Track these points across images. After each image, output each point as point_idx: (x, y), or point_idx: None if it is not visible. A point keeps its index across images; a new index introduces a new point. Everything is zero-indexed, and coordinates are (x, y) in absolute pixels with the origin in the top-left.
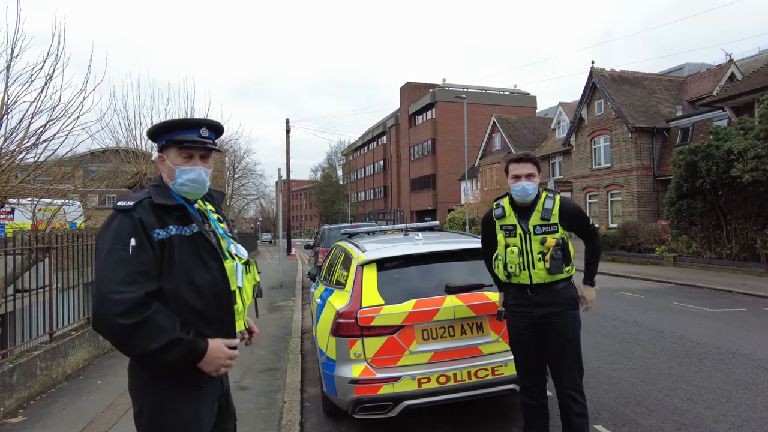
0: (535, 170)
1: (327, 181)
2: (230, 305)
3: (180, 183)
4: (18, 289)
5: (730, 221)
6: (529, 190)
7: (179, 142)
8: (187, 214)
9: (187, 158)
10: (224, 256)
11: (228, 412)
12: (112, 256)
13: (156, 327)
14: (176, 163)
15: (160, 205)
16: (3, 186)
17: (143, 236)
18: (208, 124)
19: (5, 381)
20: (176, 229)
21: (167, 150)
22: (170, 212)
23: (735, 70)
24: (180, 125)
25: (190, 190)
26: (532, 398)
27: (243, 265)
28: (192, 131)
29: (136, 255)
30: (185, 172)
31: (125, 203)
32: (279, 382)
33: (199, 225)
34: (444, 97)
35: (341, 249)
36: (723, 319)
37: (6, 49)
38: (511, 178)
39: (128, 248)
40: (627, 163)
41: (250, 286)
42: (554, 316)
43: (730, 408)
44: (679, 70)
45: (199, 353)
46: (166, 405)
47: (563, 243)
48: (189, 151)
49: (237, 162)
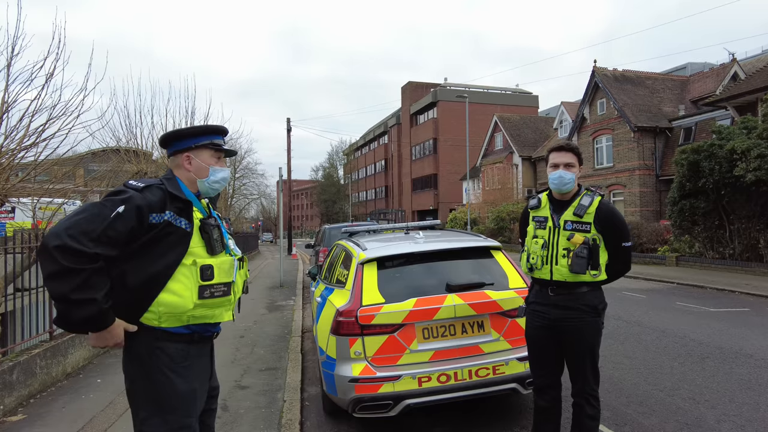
0: (575, 161)
1: (328, 180)
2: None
3: (213, 180)
4: (18, 287)
5: (733, 221)
6: (566, 179)
7: (217, 145)
8: (186, 209)
9: (218, 160)
10: (222, 249)
11: (212, 393)
12: (96, 207)
13: (85, 282)
14: (210, 162)
15: (170, 193)
16: (3, 185)
17: (135, 212)
18: (227, 132)
19: (5, 379)
20: (170, 216)
21: (200, 150)
22: (174, 201)
23: (738, 70)
24: (217, 131)
25: (219, 186)
26: (544, 399)
27: (238, 261)
28: (221, 137)
29: (116, 220)
30: (219, 171)
31: (137, 183)
32: (279, 381)
33: (192, 223)
34: (445, 96)
35: (342, 248)
36: (726, 319)
37: (6, 48)
38: (549, 167)
39: (114, 211)
40: (629, 162)
41: (242, 281)
42: (571, 321)
43: (732, 408)
44: (682, 69)
45: (103, 324)
46: (161, 377)
47: (592, 244)
48: (221, 153)
49: (238, 161)
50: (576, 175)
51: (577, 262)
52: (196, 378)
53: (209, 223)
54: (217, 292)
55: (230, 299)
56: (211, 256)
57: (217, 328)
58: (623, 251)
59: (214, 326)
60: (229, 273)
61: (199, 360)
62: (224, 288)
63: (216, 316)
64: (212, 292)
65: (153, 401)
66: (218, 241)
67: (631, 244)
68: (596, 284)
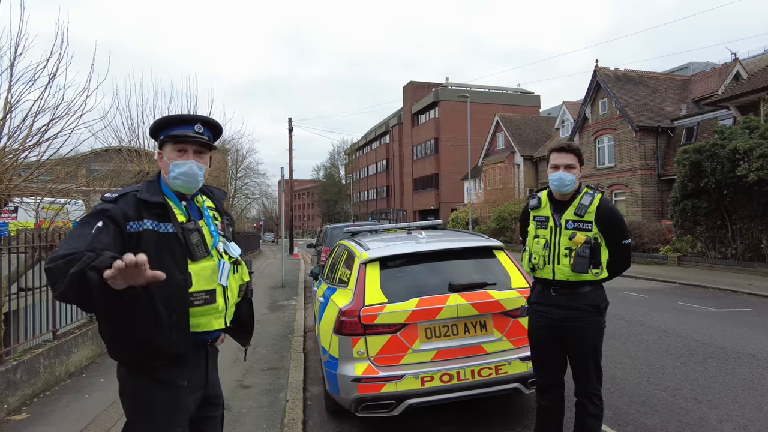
0: (575, 162)
1: (330, 180)
2: (184, 306)
3: (173, 176)
4: (21, 287)
5: (735, 221)
6: (566, 181)
7: (174, 137)
8: (166, 212)
9: (181, 153)
10: (205, 255)
11: (214, 401)
12: (77, 230)
13: (82, 260)
14: (171, 157)
15: (142, 200)
16: (7, 185)
17: (111, 222)
18: (203, 120)
19: (9, 378)
20: (151, 223)
21: (165, 146)
22: (150, 208)
23: (740, 69)
24: (175, 121)
25: (182, 183)
26: (547, 399)
27: (231, 264)
28: (187, 127)
29: (97, 234)
30: (178, 166)
31: (110, 195)
32: (282, 380)
33: (176, 225)
34: (447, 96)
35: (344, 247)
36: (728, 319)
37: (10, 48)
38: (550, 168)
39: (93, 227)
40: (631, 162)
41: (236, 285)
42: (573, 321)
43: (735, 408)
44: (684, 69)
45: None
46: (145, 385)
47: (594, 243)
48: (182, 145)
49: (239, 161)
50: (577, 176)
51: (579, 262)
52: (182, 386)
53: (187, 227)
54: (197, 300)
55: (216, 306)
56: (192, 262)
57: (210, 336)
58: (623, 249)
59: (205, 334)
60: (210, 279)
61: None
62: (206, 296)
63: (202, 325)
64: (192, 300)
65: (135, 408)
66: (198, 245)
67: (630, 242)
68: (598, 283)
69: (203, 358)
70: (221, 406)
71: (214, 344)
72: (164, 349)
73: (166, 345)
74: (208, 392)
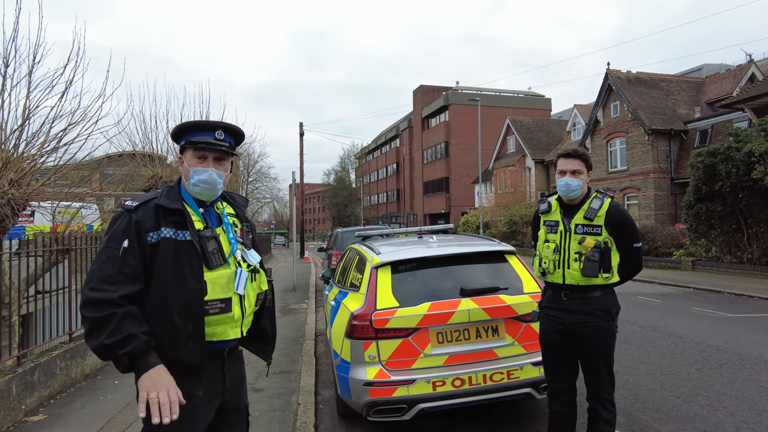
0: (582, 167)
1: (340, 184)
2: (200, 316)
3: (192, 183)
4: (39, 290)
5: (751, 225)
6: (573, 186)
7: (194, 143)
8: (183, 220)
9: (201, 159)
10: (221, 263)
11: (234, 408)
12: (105, 252)
13: (117, 326)
14: (191, 164)
15: (162, 207)
16: (25, 189)
17: (135, 239)
18: (224, 126)
19: (27, 380)
20: (169, 231)
21: (185, 151)
22: (168, 215)
23: (755, 71)
24: (196, 127)
25: (201, 190)
26: (559, 404)
27: (249, 272)
28: (207, 133)
29: (125, 256)
30: (197, 173)
31: (131, 203)
32: (293, 384)
33: (193, 232)
34: (457, 99)
35: (355, 251)
36: (744, 325)
37: (28, 56)
38: (557, 173)
39: (120, 248)
40: (644, 165)
41: (254, 294)
42: (585, 326)
43: (752, 415)
44: (698, 71)
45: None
46: None
47: (604, 247)
48: (202, 152)
49: (251, 166)
50: (584, 181)
51: (589, 266)
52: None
53: (204, 234)
54: (212, 309)
55: (232, 315)
56: (208, 270)
57: (227, 345)
58: (634, 252)
59: (221, 343)
60: (226, 288)
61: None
62: (221, 305)
63: (218, 334)
64: (207, 309)
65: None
66: (214, 253)
67: (641, 245)
68: (609, 287)
69: (219, 367)
70: (243, 413)
71: (233, 353)
72: (180, 360)
73: (182, 355)
74: (225, 399)
